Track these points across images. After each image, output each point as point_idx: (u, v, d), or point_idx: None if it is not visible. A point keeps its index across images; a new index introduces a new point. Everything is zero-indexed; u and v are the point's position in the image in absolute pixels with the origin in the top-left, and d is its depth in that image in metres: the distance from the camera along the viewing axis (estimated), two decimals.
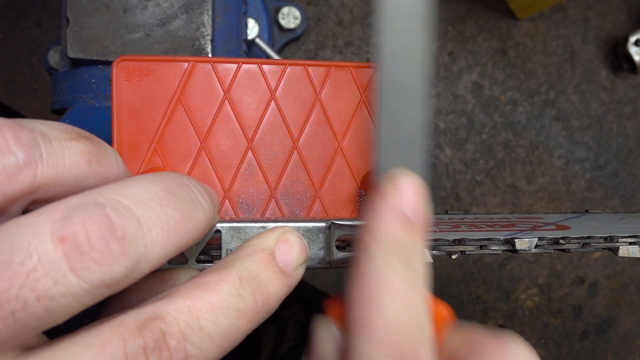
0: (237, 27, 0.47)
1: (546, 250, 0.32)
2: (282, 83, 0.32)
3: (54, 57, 0.53)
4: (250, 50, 0.52)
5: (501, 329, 0.63)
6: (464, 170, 0.63)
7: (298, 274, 0.26)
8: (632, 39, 0.61)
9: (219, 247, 0.27)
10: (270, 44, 0.57)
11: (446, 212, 0.41)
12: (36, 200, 0.21)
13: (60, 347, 0.20)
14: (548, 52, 0.63)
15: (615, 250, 0.32)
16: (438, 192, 0.63)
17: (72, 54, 0.41)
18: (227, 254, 0.27)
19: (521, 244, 0.30)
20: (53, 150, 0.21)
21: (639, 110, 0.64)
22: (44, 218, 0.19)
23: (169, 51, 0.41)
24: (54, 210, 0.19)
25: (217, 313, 0.22)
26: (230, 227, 0.27)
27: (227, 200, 0.31)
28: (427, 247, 0.23)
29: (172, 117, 0.31)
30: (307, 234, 0.28)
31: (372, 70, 0.23)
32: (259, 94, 0.31)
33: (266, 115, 0.31)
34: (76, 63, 0.42)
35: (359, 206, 0.32)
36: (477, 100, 0.63)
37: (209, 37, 0.41)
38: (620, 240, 0.32)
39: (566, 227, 0.35)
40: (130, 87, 0.30)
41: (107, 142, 0.25)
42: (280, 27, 0.59)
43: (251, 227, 0.27)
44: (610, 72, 0.64)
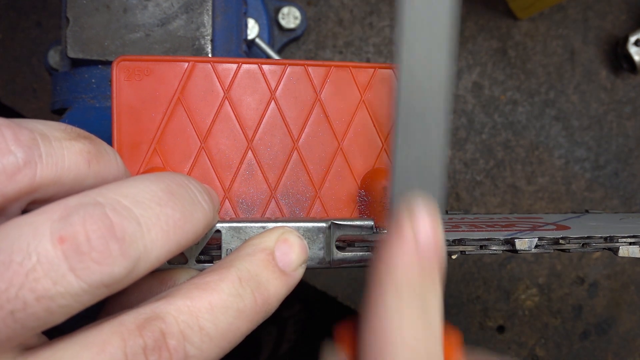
0: (237, 27, 0.47)
1: (546, 250, 0.32)
2: (282, 83, 0.32)
3: (54, 57, 0.53)
4: (250, 50, 0.52)
5: (501, 329, 0.63)
6: (464, 170, 0.63)
7: (298, 274, 0.26)
8: (632, 39, 0.61)
9: (219, 247, 0.27)
10: (270, 44, 0.57)
11: (446, 212, 0.41)
12: (35, 200, 0.21)
13: (60, 347, 0.20)
14: (548, 52, 0.63)
15: (615, 250, 0.32)
16: None
17: (72, 54, 0.41)
18: (227, 254, 0.27)
19: (521, 244, 0.30)
20: (52, 150, 0.21)
21: (639, 110, 0.64)
22: (44, 218, 0.19)
23: (169, 51, 0.41)
24: (54, 210, 0.19)
25: (217, 313, 0.22)
26: (230, 227, 0.27)
27: (227, 200, 0.31)
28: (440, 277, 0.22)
29: (172, 117, 0.30)
30: (307, 234, 0.28)
31: (391, 91, 0.22)
32: (259, 94, 0.31)
33: (266, 115, 0.31)
34: (76, 63, 0.42)
35: (359, 206, 0.32)
36: (477, 100, 0.63)
37: (209, 37, 0.41)
38: (620, 240, 0.32)
39: (566, 227, 0.35)
40: (130, 87, 0.30)
41: (107, 142, 0.25)
42: (280, 27, 0.59)
43: (251, 227, 0.27)
44: (610, 72, 0.64)
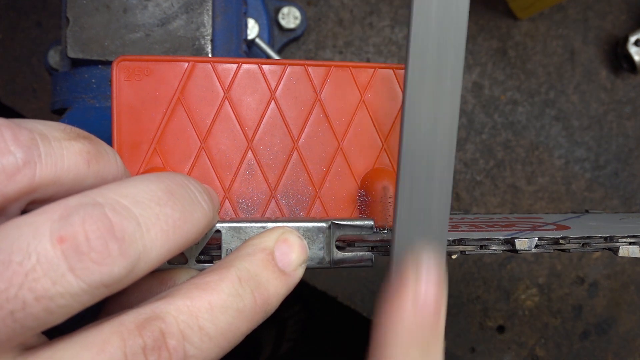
0: (237, 27, 0.47)
1: (546, 250, 0.32)
2: (282, 83, 0.31)
3: (54, 57, 0.53)
4: (250, 50, 0.52)
5: (501, 329, 0.63)
6: (464, 170, 0.63)
7: (298, 274, 0.26)
8: (632, 39, 0.61)
9: (219, 247, 0.27)
10: (270, 44, 0.57)
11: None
12: (35, 200, 0.21)
13: (60, 347, 0.20)
14: (548, 52, 0.63)
15: (615, 250, 0.32)
16: None
17: (72, 54, 0.40)
18: (227, 254, 0.27)
19: (521, 244, 0.30)
20: (52, 150, 0.21)
21: (639, 110, 0.64)
22: (43, 218, 0.19)
23: (169, 51, 0.41)
24: (53, 211, 0.19)
25: (217, 313, 0.22)
26: (230, 227, 0.27)
27: (227, 200, 0.31)
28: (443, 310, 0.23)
29: (172, 117, 0.30)
30: (307, 234, 0.28)
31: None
32: (259, 94, 0.31)
33: (266, 115, 0.31)
34: (76, 63, 0.42)
35: (359, 206, 0.32)
36: (477, 100, 0.63)
37: (209, 37, 0.41)
38: (620, 240, 0.32)
39: (566, 227, 0.35)
40: (130, 87, 0.30)
41: (107, 142, 0.25)
42: (280, 27, 0.59)
43: (251, 227, 0.27)
44: (610, 72, 0.64)
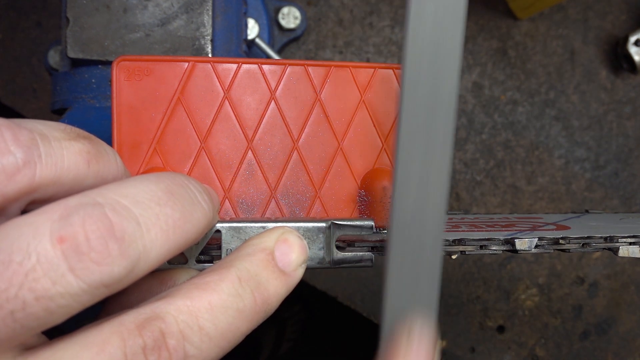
0: (237, 27, 0.47)
1: (546, 250, 0.32)
2: (282, 83, 0.32)
3: (54, 57, 0.53)
4: (250, 50, 0.52)
5: (501, 329, 0.63)
6: (464, 170, 0.63)
7: (298, 274, 0.26)
8: (632, 39, 0.61)
9: (219, 247, 0.27)
10: (270, 44, 0.57)
11: (446, 212, 0.41)
12: (35, 200, 0.21)
13: (60, 347, 0.20)
14: (548, 52, 0.63)
15: (615, 250, 0.32)
16: None
17: (72, 54, 0.41)
18: (227, 254, 0.27)
19: (521, 244, 0.30)
20: (52, 151, 0.21)
21: (639, 110, 0.64)
22: (43, 218, 0.19)
23: (169, 51, 0.41)
24: (53, 211, 0.19)
25: (217, 313, 0.22)
26: (230, 227, 0.27)
27: (227, 200, 0.31)
28: None
29: (172, 117, 0.30)
30: (307, 234, 0.28)
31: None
32: (259, 94, 0.31)
33: (266, 115, 0.31)
34: (76, 63, 0.42)
35: (359, 206, 0.32)
36: (477, 100, 0.63)
37: (209, 37, 0.41)
38: (620, 240, 0.32)
39: (566, 227, 0.35)
40: (130, 87, 0.30)
41: (107, 142, 0.25)
42: (280, 27, 0.59)
43: (251, 227, 0.27)
44: (610, 72, 0.64)
